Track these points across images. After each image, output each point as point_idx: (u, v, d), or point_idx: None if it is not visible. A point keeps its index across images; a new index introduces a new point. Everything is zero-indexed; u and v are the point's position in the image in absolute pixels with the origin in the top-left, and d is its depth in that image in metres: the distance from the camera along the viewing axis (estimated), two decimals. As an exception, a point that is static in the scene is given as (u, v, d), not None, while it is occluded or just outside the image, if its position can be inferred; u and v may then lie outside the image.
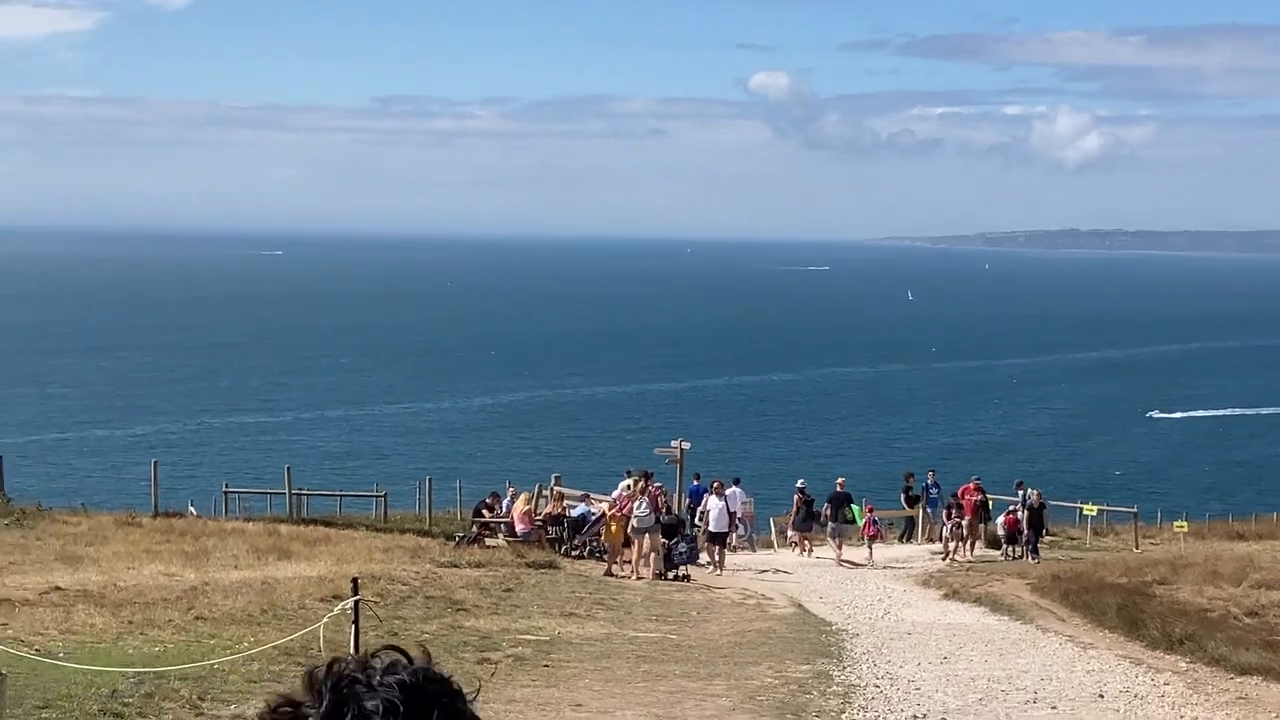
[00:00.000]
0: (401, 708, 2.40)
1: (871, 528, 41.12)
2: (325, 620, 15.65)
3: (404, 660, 2.50)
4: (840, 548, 40.00)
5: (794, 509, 42.71)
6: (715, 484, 38.51)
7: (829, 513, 40.87)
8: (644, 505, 33.24)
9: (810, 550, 41.38)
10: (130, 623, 19.67)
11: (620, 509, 33.77)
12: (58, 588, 22.61)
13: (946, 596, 31.27)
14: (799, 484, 43.29)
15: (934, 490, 44.37)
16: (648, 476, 35.68)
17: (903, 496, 45.80)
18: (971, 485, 42.36)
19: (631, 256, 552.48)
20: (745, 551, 42.00)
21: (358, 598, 13.32)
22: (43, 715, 13.65)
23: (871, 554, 40.10)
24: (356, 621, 13.53)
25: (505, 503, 38.84)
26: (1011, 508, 42.44)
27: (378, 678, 2.45)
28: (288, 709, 2.48)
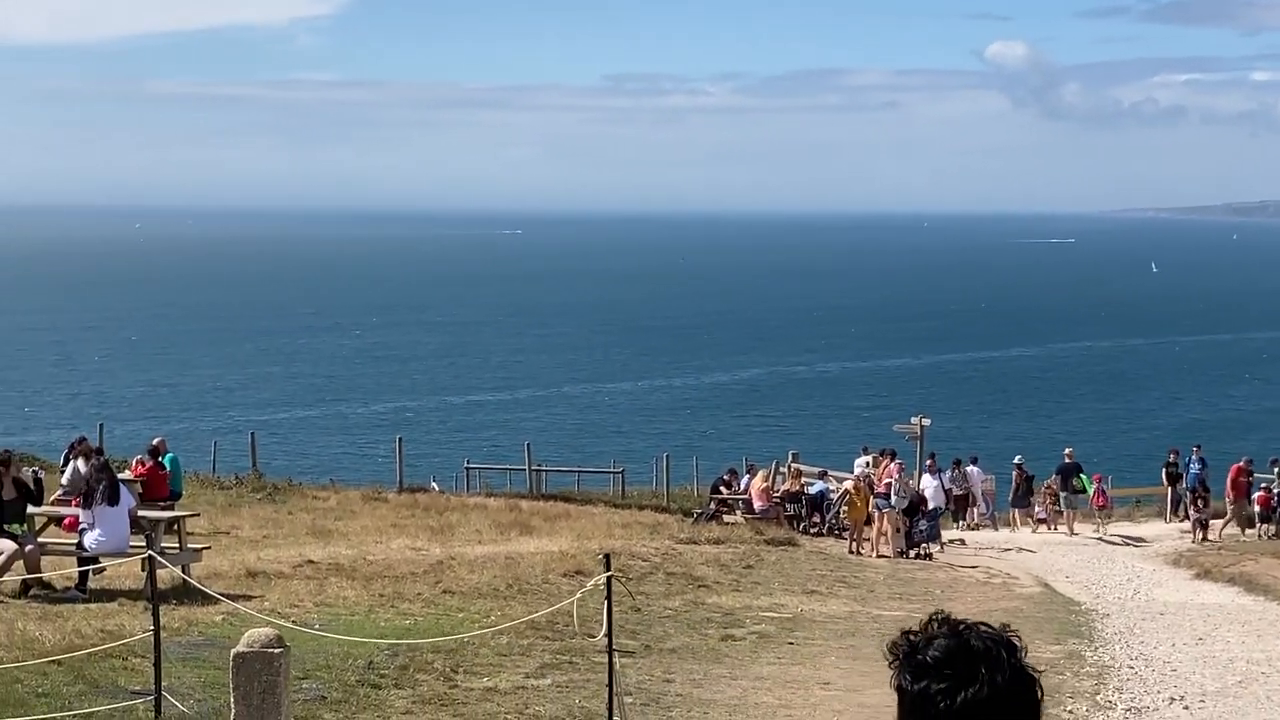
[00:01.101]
0: (1000, 642, 3.22)
1: (1101, 498, 40.55)
2: (579, 595, 15.77)
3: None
4: (1072, 520, 39.64)
5: (1014, 485, 42.24)
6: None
7: (1058, 484, 40.35)
8: (900, 484, 33.03)
9: (1050, 526, 40.77)
10: (381, 595, 20.05)
11: (874, 486, 33.50)
12: (310, 561, 23.15)
13: (1198, 576, 30.41)
14: (1016, 460, 42.78)
15: (1195, 467, 42.87)
16: (892, 455, 35.38)
17: (1164, 473, 44.44)
18: (1242, 464, 41.05)
19: (866, 230, 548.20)
20: (987, 529, 41.49)
21: (610, 573, 13.36)
22: (303, 685, 13.96)
23: (1103, 526, 39.56)
24: (609, 597, 13.58)
25: (743, 479, 38.79)
26: (1265, 485, 41.14)
27: (971, 626, 3.26)
28: (905, 644, 3.26)
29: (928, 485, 36.69)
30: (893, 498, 32.65)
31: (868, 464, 38.07)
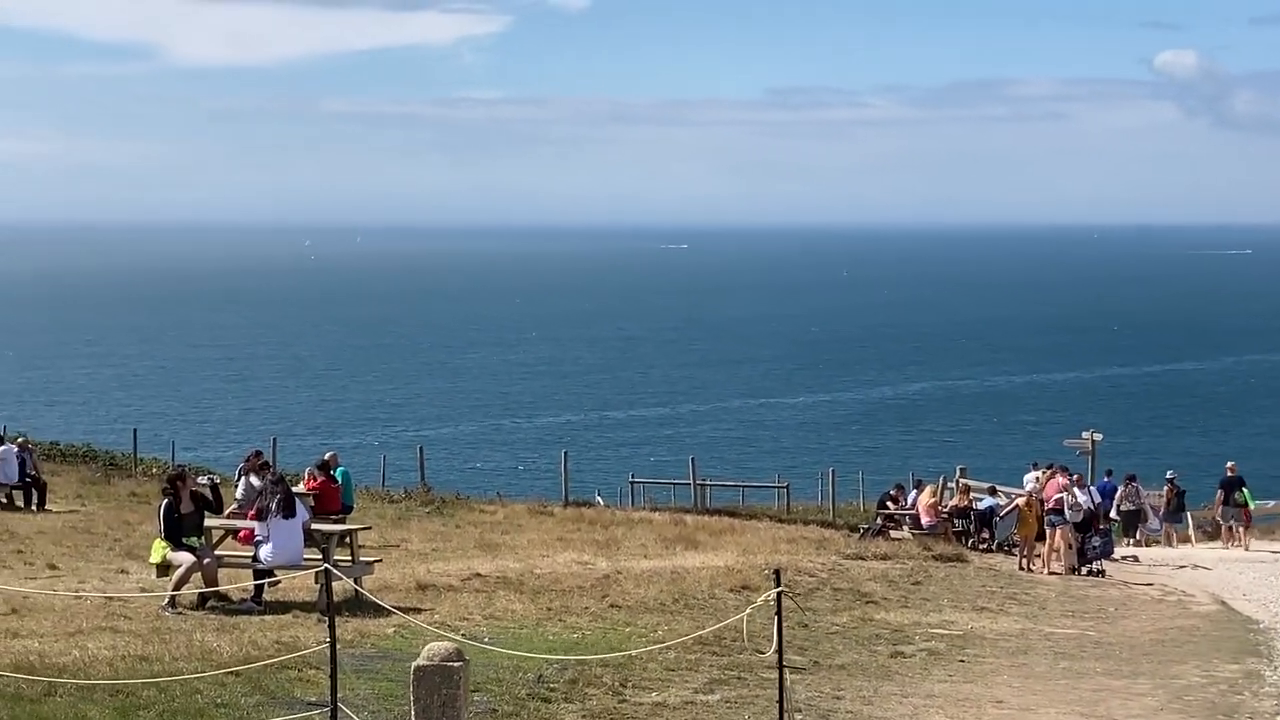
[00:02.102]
0: None
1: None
2: (748, 611, 15.73)
3: None
4: (1243, 536, 38.91)
5: (1165, 500, 41.38)
6: (1077, 476, 37.57)
7: (1221, 498, 39.59)
8: (1072, 499, 32.50)
9: (1225, 542, 39.96)
10: (549, 609, 20.15)
11: (1046, 501, 32.97)
12: (478, 574, 23.35)
13: (1382, 595, 29.48)
14: (1169, 475, 41.89)
15: None
16: (1063, 470, 34.82)
17: None
18: None
19: (1034, 243, 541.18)
20: (1160, 546, 40.72)
21: (780, 589, 13.30)
22: (474, 698, 14.04)
23: (1244, 540, 38.94)
24: (779, 613, 13.52)
25: (910, 495, 38.43)
26: None
27: None
28: None
29: (1080, 499, 36.13)
30: (1066, 513, 32.16)
31: (1037, 479, 37.54)
